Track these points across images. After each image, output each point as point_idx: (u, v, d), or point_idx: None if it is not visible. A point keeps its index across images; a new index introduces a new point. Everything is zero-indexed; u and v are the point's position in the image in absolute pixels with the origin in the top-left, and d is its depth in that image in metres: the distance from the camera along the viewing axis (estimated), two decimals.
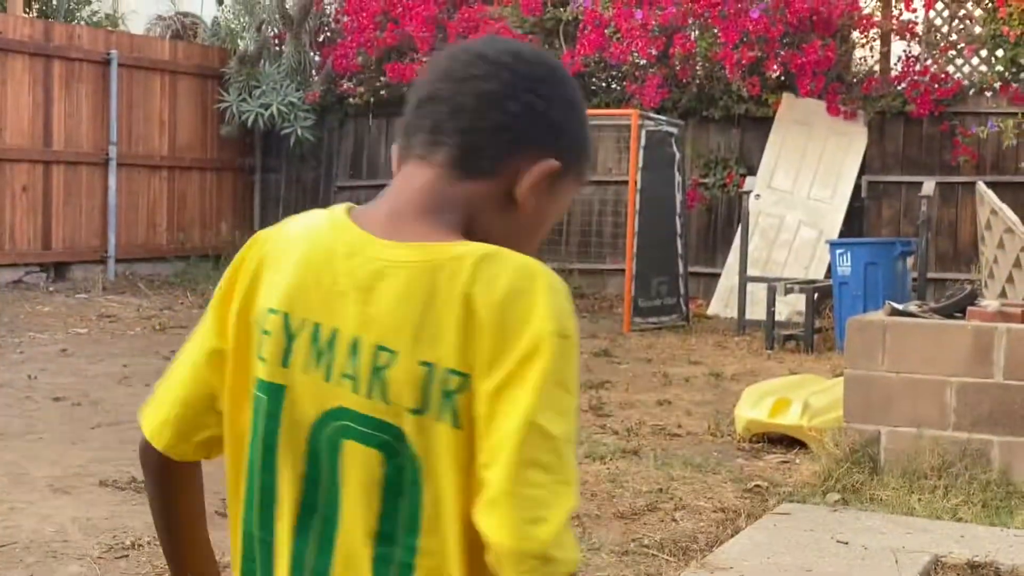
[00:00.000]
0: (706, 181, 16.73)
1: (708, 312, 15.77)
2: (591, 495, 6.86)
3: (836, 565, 5.53)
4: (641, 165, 14.41)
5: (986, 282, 11.22)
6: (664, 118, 15.24)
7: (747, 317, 14.00)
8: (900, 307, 7.38)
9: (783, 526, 6.14)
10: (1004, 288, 10.60)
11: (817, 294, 13.11)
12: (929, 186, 13.95)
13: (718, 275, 16.22)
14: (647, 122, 14.69)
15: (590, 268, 17.50)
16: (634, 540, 6.04)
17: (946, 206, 15.57)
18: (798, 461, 7.74)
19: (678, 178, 14.91)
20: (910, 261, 12.88)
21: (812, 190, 15.75)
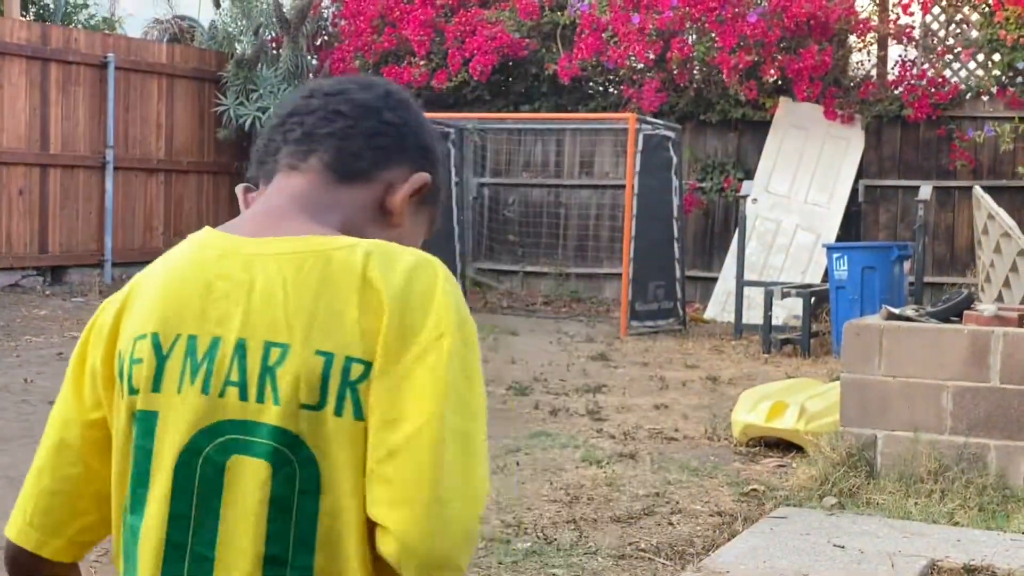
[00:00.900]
0: (703, 185, 16.74)
1: (705, 316, 15.78)
2: (588, 499, 6.86)
3: (832, 569, 5.53)
4: (638, 169, 14.41)
5: (983, 286, 11.23)
6: (661, 122, 15.25)
7: (744, 321, 14.01)
8: (897, 311, 7.38)
9: (780, 530, 6.14)
10: (1001, 292, 10.62)
11: (814, 298, 13.11)
12: (926, 190, 13.96)
13: (715, 279, 16.23)
14: (644, 126, 14.69)
15: (587, 272, 17.51)
16: (631, 544, 6.04)
17: (943, 210, 15.58)
18: (794, 465, 7.74)
19: (675, 182, 14.92)
20: (907, 265, 12.89)
21: (809, 194, 15.76)
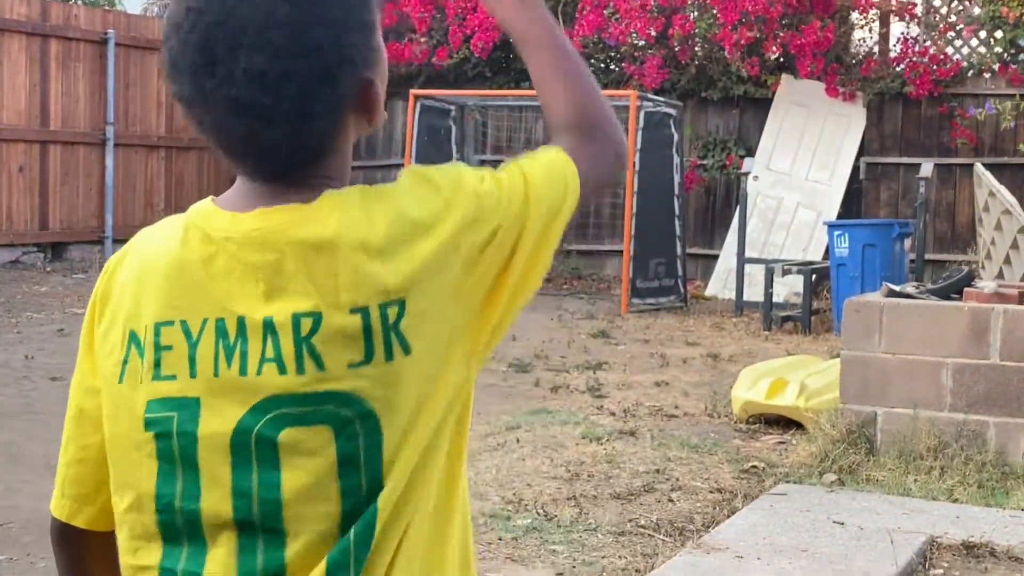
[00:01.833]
0: (704, 162, 16.72)
1: (706, 293, 15.78)
2: (588, 476, 6.87)
3: (832, 545, 5.54)
4: (639, 147, 14.40)
5: (983, 263, 11.22)
6: (663, 99, 15.23)
7: (745, 298, 14.01)
8: (897, 288, 7.38)
9: (779, 507, 6.15)
10: (1001, 269, 10.61)
11: (815, 276, 13.11)
12: (927, 168, 13.94)
13: (716, 256, 16.23)
14: (646, 103, 14.67)
15: (588, 249, 17.50)
16: (631, 520, 6.05)
17: (944, 188, 15.57)
18: (794, 442, 7.75)
19: (676, 160, 14.90)
20: (908, 243, 12.88)
21: (810, 172, 15.75)
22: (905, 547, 5.48)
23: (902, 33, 16.01)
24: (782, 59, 16.09)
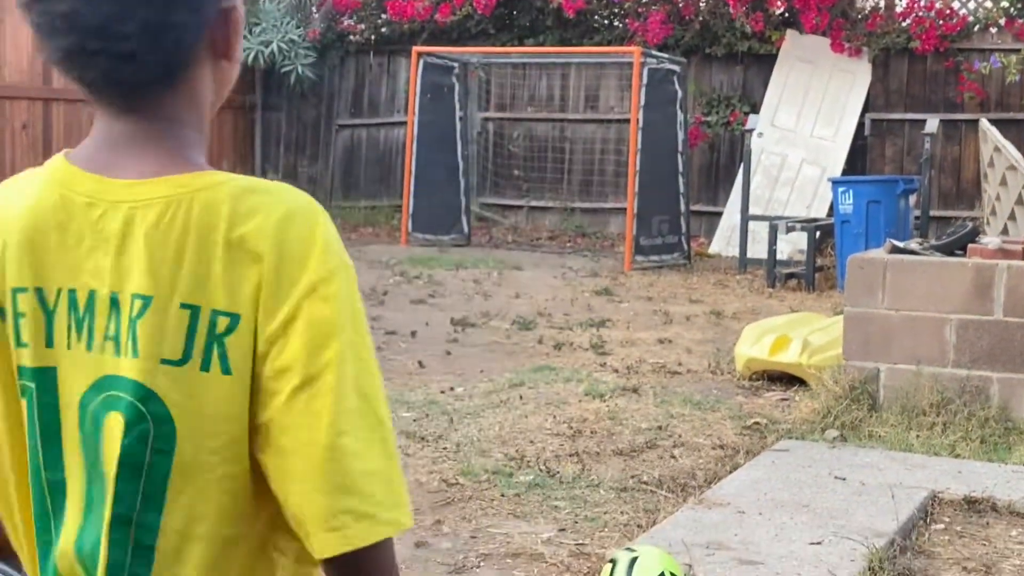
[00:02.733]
0: (708, 119, 16.67)
1: (709, 251, 15.77)
2: (591, 432, 6.88)
3: (834, 501, 5.55)
4: (643, 103, 14.35)
5: (988, 219, 11.20)
6: (666, 56, 15.17)
7: (748, 256, 14.00)
8: (901, 245, 7.37)
9: (781, 463, 6.16)
10: (1006, 225, 10.60)
11: (819, 232, 13.09)
12: (933, 124, 13.90)
13: (720, 214, 16.21)
14: (649, 60, 14.61)
15: (592, 207, 17.48)
16: (633, 477, 6.06)
17: (949, 144, 15.52)
18: (797, 398, 7.76)
19: (680, 116, 14.86)
20: (912, 199, 12.85)
21: (815, 128, 15.70)
22: (906, 502, 5.49)
23: None
24: (787, 14, 16.02)
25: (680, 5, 16.26)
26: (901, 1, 15.95)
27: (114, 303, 1.52)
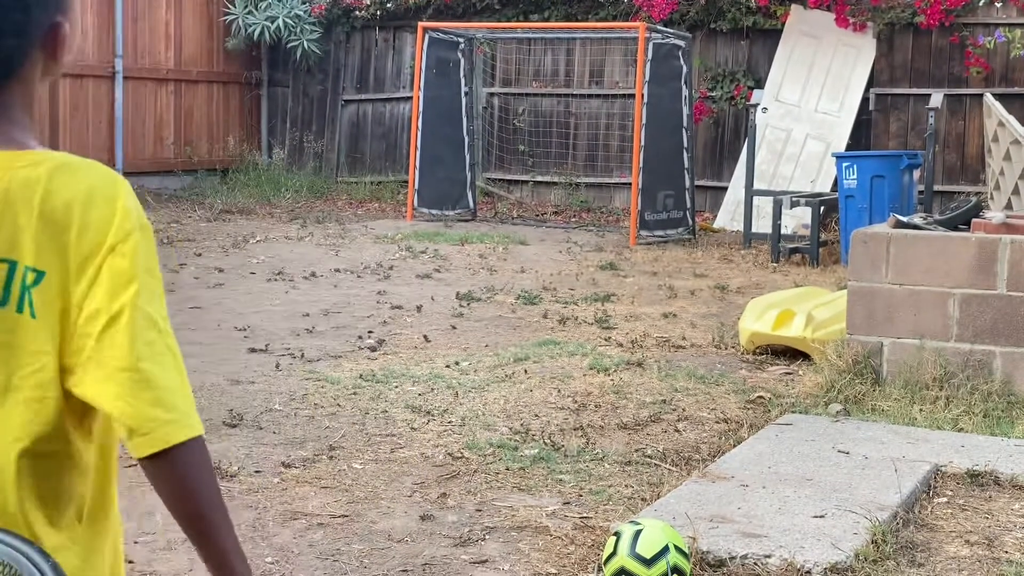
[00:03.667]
0: (713, 94, 16.67)
1: (714, 225, 15.79)
2: (595, 406, 6.92)
3: (837, 474, 5.59)
4: (648, 78, 14.36)
5: (992, 194, 11.22)
6: (671, 31, 15.16)
7: (753, 230, 14.02)
8: (905, 219, 7.39)
9: (785, 436, 6.19)
10: (1010, 200, 10.62)
11: (823, 207, 13.11)
12: (937, 98, 13.90)
13: (725, 188, 16.22)
14: (654, 35, 14.61)
15: (597, 182, 17.50)
16: (637, 450, 6.10)
17: (954, 118, 15.51)
18: (801, 372, 7.79)
19: (685, 91, 14.86)
20: (917, 174, 12.86)
21: (819, 103, 15.70)
22: (909, 476, 5.53)
23: None
24: None
25: None
26: None
27: None
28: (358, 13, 18.34)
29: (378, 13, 18.27)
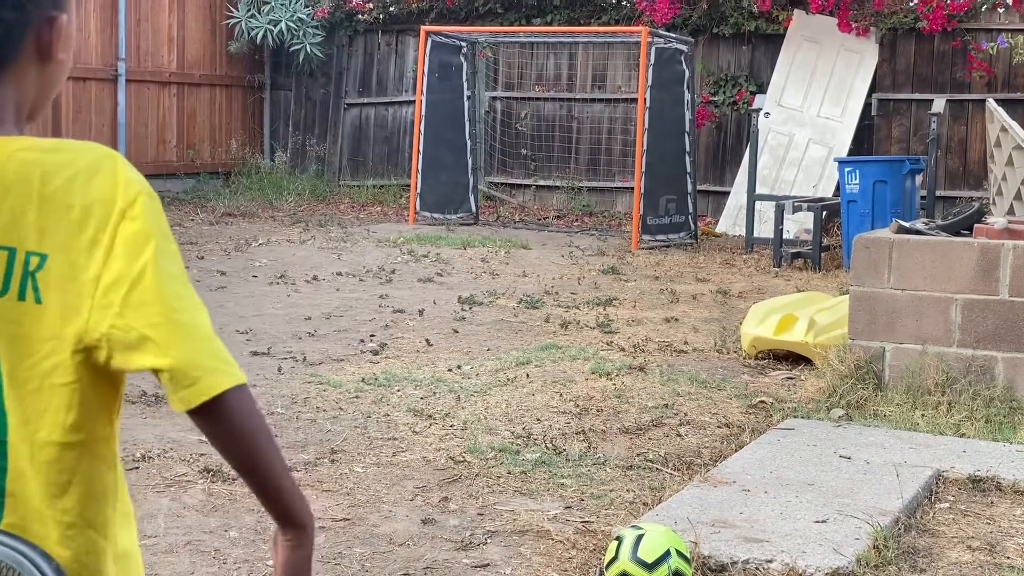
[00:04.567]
0: (715, 99, 16.68)
1: (716, 230, 15.78)
2: (597, 411, 6.92)
3: (838, 479, 5.59)
4: (650, 83, 14.36)
5: (994, 199, 11.22)
6: (674, 35, 15.17)
7: (755, 235, 14.02)
8: (907, 224, 7.39)
9: (786, 441, 6.19)
10: (1012, 205, 10.61)
11: (825, 212, 13.11)
12: (939, 104, 13.89)
13: (727, 193, 16.22)
14: (657, 39, 14.62)
15: (599, 186, 17.50)
16: (639, 455, 6.09)
17: (956, 124, 15.51)
18: (803, 377, 7.79)
19: (687, 96, 14.86)
20: (919, 179, 12.86)
21: (822, 108, 15.70)
22: (911, 481, 5.52)
23: None
24: None
25: None
26: None
27: None
28: (361, 17, 18.35)
29: (381, 17, 18.28)
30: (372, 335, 8.94)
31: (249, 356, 8.13)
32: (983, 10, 15.40)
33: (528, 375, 7.70)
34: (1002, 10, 15.33)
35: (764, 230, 13.93)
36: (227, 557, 4.70)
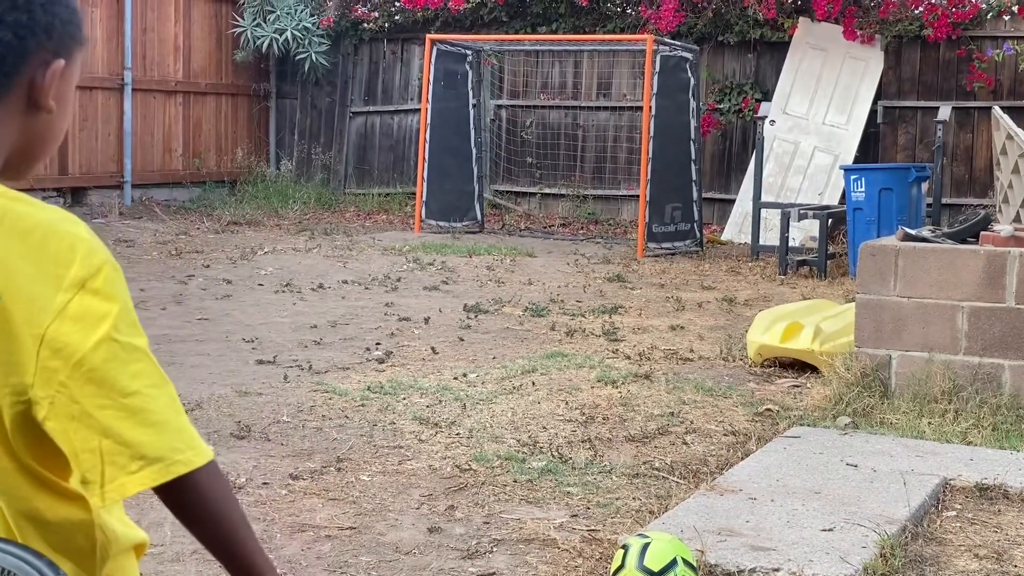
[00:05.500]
0: (721, 107, 16.68)
1: (722, 238, 15.79)
2: (603, 419, 6.91)
3: (845, 487, 5.58)
4: (656, 91, 14.37)
5: (1000, 207, 11.21)
6: (679, 43, 15.18)
7: (761, 243, 14.02)
8: (913, 232, 7.38)
9: (793, 449, 6.18)
10: (1018, 213, 10.60)
11: (831, 220, 13.10)
12: (945, 111, 13.89)
13: (732, 201, 16.22)
14: (662, 48, 14.62)
15: (605, 194, 17.50)
16: (645, 463, 6.09)
17: (962, 131, 15.51)
18: (809, 385, 7.78)
19: (693, 104, 14.87)
20: (925, 186, 12.86)
21: (827, 116, 15.70)
22: (918, 489, 5.51)
23: None
24: (799, 1, 16.00)
25: None
26: None
27: None
28: (366, 25, 18.37)
29: (386, 25, 18.30)
30: (378, 343, 8.94)
31: (255, 364, 8.13)
32: (988, 18, 15.40)
33: (534, 383, 7.69)
34: (1007, 17, 15.33)
35: (770, 238, 13.92)
36: None
